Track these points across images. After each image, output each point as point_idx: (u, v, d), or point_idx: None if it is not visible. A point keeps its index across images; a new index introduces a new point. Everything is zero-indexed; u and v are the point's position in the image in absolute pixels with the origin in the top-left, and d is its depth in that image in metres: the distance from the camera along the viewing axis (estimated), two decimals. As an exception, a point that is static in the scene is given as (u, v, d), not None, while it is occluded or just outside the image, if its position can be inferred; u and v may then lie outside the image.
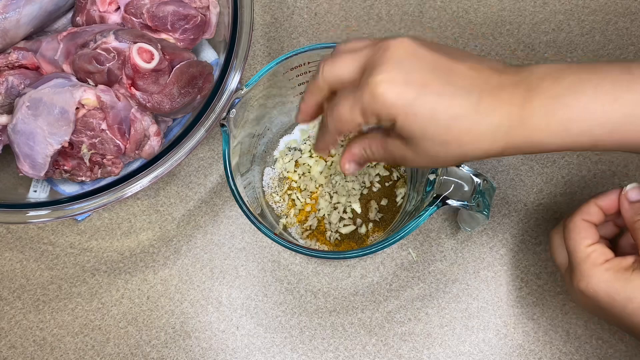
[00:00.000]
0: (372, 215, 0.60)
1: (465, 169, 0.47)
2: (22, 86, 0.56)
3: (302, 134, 0.62)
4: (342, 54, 0.41)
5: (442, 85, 0.38)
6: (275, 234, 0.48)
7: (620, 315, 0.42)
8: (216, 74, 0.58)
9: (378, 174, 0.60)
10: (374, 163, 0.60)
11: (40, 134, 0.53)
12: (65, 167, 0.57)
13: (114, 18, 0.59)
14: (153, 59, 0.55)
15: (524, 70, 0.39)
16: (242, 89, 0.51)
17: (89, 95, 0.54)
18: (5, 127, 0.56)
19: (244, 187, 0.54)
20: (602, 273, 0.43)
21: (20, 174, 0.55)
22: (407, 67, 0.38)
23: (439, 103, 0.38)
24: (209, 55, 0.64)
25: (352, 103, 0.39)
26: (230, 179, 0.49)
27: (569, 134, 0.38)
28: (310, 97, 0.44)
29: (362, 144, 0.44)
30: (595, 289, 0.43)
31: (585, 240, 0.45)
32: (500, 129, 0.38)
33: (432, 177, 0.50)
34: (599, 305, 0.43)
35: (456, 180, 0.47)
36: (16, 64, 0.57)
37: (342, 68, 0.41)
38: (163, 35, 0.59)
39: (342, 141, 0.45)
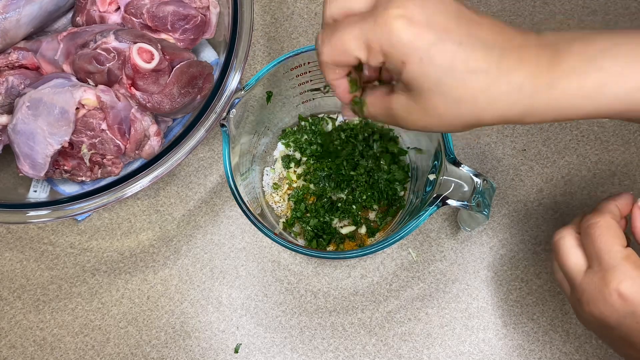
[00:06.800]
0: (372, 215, 0.60)
1: (465, 169, 0.47)
2: (22, 86, 0.56)
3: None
4: None
5: (465, 35, 0.34)
6: (275, 234, 0.48)
7: None
8: (216, 74, 0.58)
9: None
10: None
11: (40, 134, 0.53)
12: (65, 167, 0.57)
13: (114, 18, 0.59)
14: (153, 59, 0.55)
15: (548, 34, 0.36)
16: (242, 89, 0.51)
17: (89, 95, 0.54)
18: (5, 127, 0.56)
19: (244, 187, 0.54)
20: None
21: (20, 174, 0.55)
22: (431, 8, 0.34)
23: (459, 53, 0.33)
24: (209, 55, 0.64)
25: (358, 33, 0.34)
26: (230, 179, 0.49)
27: (604, 98, 0.35)
28: (324, 47, 0.37)
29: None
30: (637, 291, 0.39)
31: (620, 239, 0.42)
32: (523, 91, 0.34)
33: (432, 177, 0.50)
34: (633, 311, 0.39)
35: (456, 180, 0.47)
36: (16, 64, 0.57)
37: None
38: (163, 35, 0.59)
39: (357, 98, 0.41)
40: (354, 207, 0.59)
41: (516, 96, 0.34)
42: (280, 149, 0.62)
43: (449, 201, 0.47)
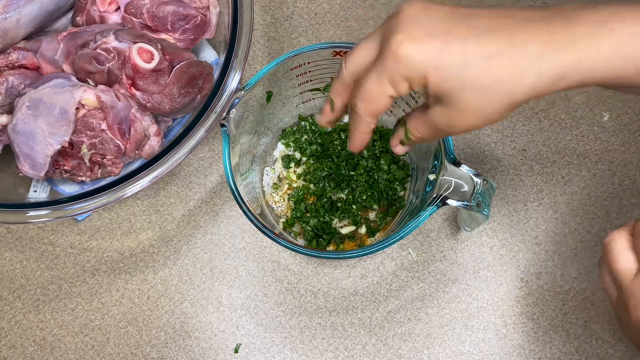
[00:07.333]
0: (372, 215, 0.60)
1: (465, 169, 0.47)
2: (22, 86, 0.56)
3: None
4: (358, 44, 0.40)
5: (467, 29, 0.36)
6: (275, 234, 0.48)
7: None
8: (216, 74, 0.58)
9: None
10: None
11: (40, 134, 0.53)
12: (65, 167, 0.57)
13: (114, 18, 0.59)
14: (153, 59, 0.55)
15: (548, 8, 0.37)
16: (242, 89, 0.51)
17: (89, 95, 0.54)
18: (5, 127, 0.56)
19: (244, 187, 0.54)
20: None
21: (20, 174, 0.55)
22: (425, 20, 0.36)
23: (468, 47, 0.35)
24: (209, 55, 0.64)
25: (378, 75, 0.37)
26: (230, 179, 0.49)
27: (620, 61, 0.35)
28: (337, 96, 0.42)
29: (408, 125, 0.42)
30: None
31: None
32: (544, 58, 0.35)
33: (432, 177, 0.50)
34: None
35: (456, 180, 0.47)
36: (16, 64, 0.57)
37: (362, 53, 0.39)
38: (163, 35, 0.59)
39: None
40: (354, 207, 0.59)
41: (539, 65, 0.35)
42: (280, 149, 0.62)
43: (449, 201, 0.47)
